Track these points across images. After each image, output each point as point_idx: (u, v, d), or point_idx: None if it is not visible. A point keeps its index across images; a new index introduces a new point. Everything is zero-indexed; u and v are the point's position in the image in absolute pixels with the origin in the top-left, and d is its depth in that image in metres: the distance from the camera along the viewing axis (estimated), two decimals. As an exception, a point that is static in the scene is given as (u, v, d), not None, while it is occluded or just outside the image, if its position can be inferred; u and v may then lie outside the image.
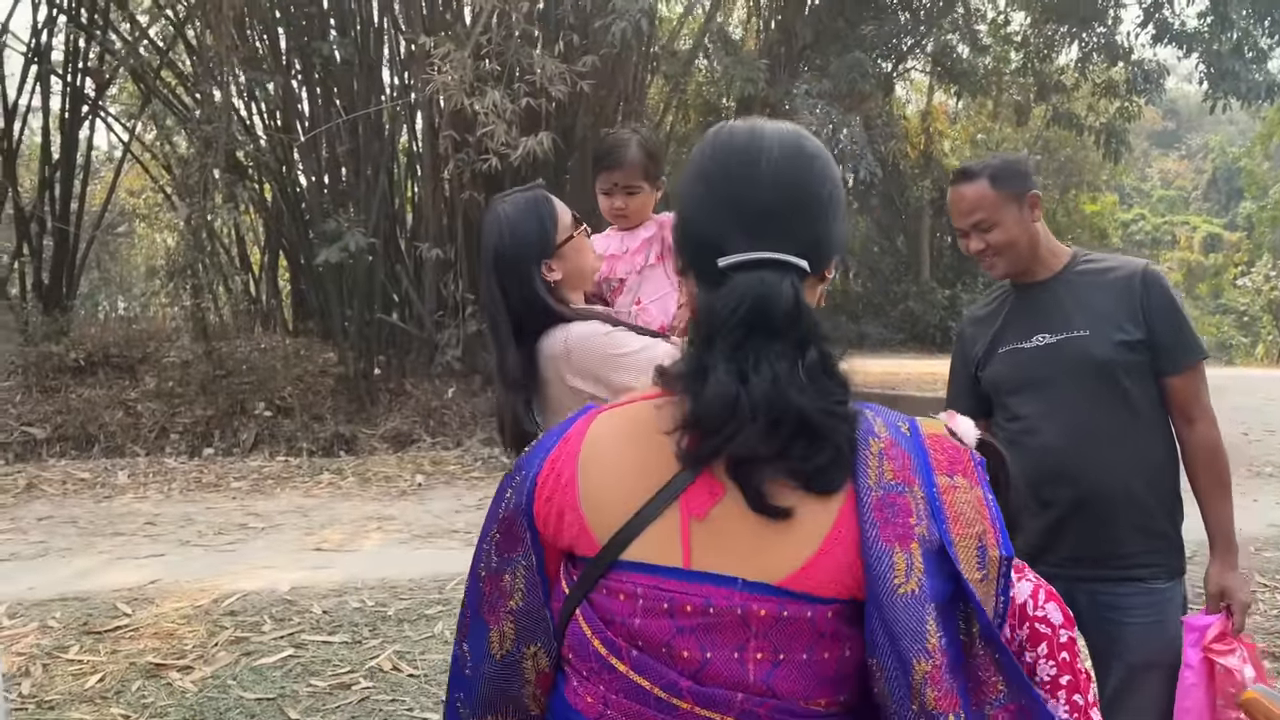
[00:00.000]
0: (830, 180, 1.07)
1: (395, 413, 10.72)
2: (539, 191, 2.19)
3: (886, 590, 0.94)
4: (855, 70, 8.60)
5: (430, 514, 6.36)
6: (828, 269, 1.09)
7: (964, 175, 2.30)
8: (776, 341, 0.97)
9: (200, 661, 3.83)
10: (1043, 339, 2.24)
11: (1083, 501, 2.17)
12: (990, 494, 1.03)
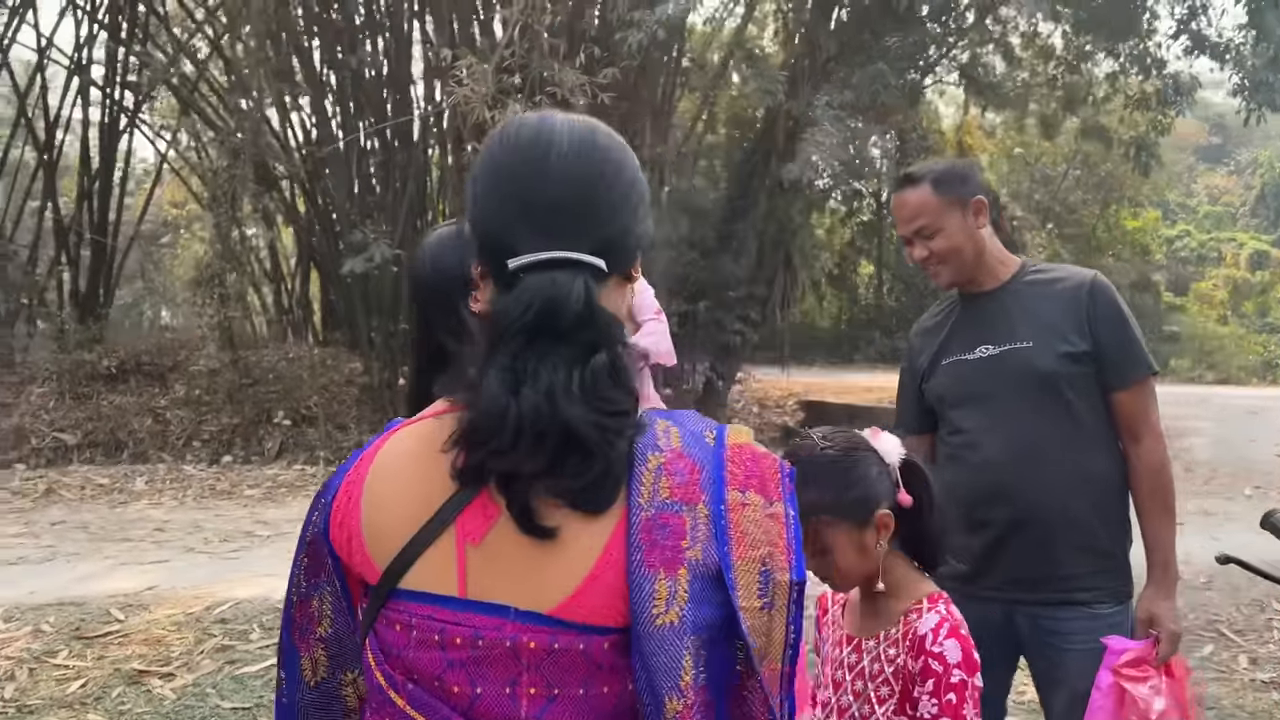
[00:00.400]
0: (626, 174, 1.01)
1: (419, 423, 10.77)
2: (464, 224, 2.19)
3: (645, 620, 0.87)
4: (877, 81, 8.50)
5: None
6: (632, 268, 1.03)
7: (906, 180, 2.22)
8: (563, 346, 0.91)
9: (184, 669, 3.83)
10: (986, 350, 2.16)
11: (1021, 521, 2.08)
12: (793, 510, 0.95)
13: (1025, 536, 2.08)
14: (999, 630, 2.09)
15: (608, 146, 1.01)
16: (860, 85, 8.49)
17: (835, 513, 1.56)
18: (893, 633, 1.58)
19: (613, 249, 0.98)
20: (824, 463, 1.58)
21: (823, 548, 1.57)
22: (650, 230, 1.05)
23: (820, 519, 1.55)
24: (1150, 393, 2.13)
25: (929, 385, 2.27)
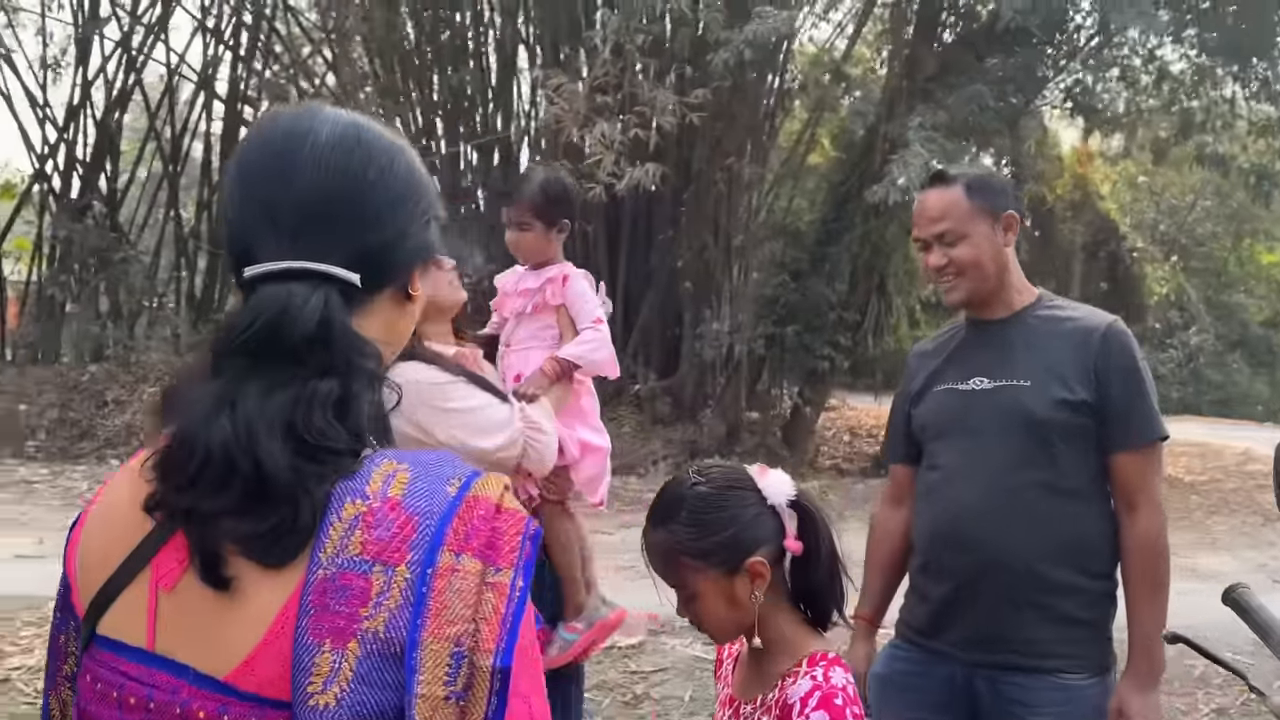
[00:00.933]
0: (397, 175, 0.90)
1: (503, 436, 10.88)
2: None
3: (299, 700, 0.76)
4: (974, 103, 8.23)
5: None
6: (410, 284, 0.92)
7: (937, 179, 2.07)
8: (288, 369, 0.81)
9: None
10: (980, 383, 2.01)
11: (983, 573, 1.92)
12: (522, 582, 0.80)
13: (987, 592, 1.92)
14: (960, 693, 1.93)
15: (375, 142, 0.90)
16: (955, 107, 8.23)
17: (698, 557, 1.40)
18: (769, 697, 1.43)
19: (375, 261, 0.88)
20: (692, 499, 1.43)
21: (690, 594, 1.42)
22: (430, 240, 0.94)
23: (681, 562, 1.41)
24: (1155, 460, 1.95)
25: (916, 412, 2.13)
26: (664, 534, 1.41)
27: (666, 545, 1.40)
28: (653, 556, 1.43)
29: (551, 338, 2.32)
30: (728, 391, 10.73)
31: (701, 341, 10.29)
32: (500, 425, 2.03)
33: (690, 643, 4.34)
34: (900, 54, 10.06)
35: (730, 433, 10.54)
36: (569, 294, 2.31)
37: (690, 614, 1.45)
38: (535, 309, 2.32)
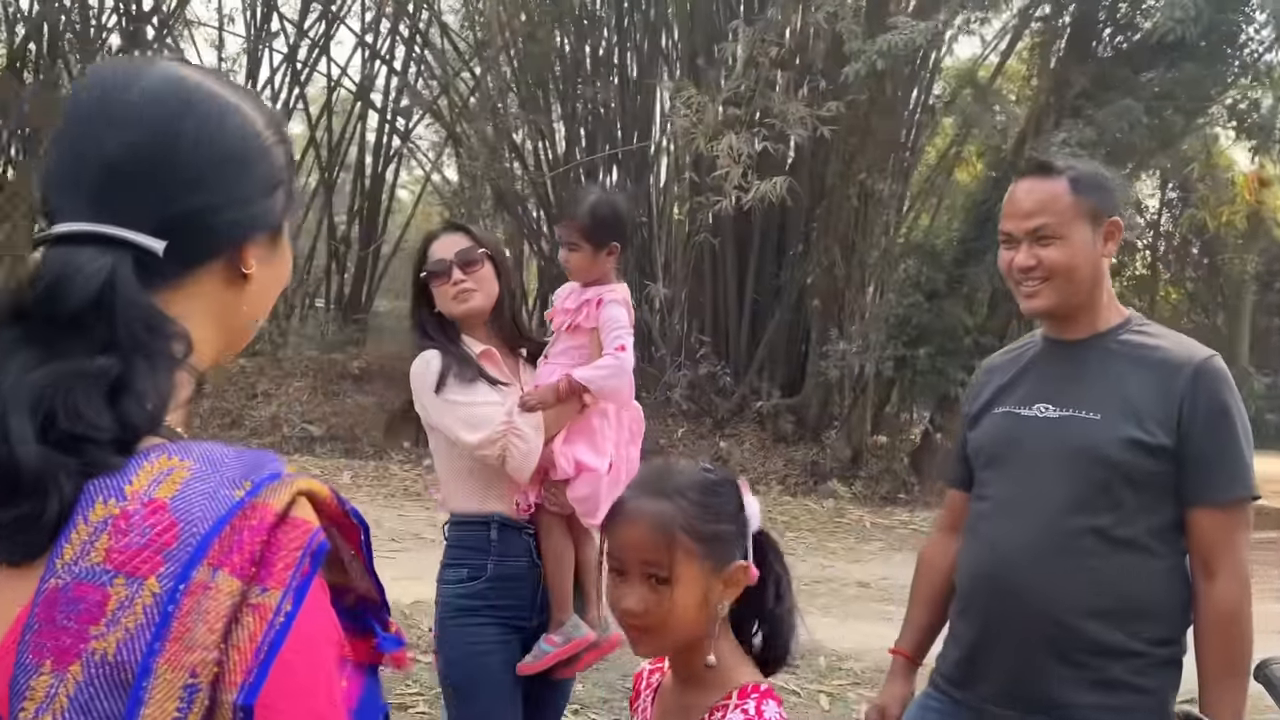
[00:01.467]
0: (224, 136, 0.81)
1: (624, 447, 10.91)
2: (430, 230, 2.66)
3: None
4: (1125, 119, 7.74)
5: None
6: (239, 259, 0.82)
7: (1040, 169, 1.85)
8: (65, 343, 0.72)
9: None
10: (1044, 410, 1.80)
11: (1019, 623, 1.72)
12: (291, 605, 0.69)
13: (1022, 643, 1.73)
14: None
15: (202, 97, 0.80)
16: (1105, 123, 7.76)
17: (698, 540, 1.27)
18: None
19: (191, 228, 0.78)
20: (704, 481, 1.33)
21: (666, 578, 1.27)
22: (271, 212, 0.84)
23: (678, 539, 1.27)
24: (1241, 520, 1.71)
25: (973, 434, 1.93)
26: (667, 505, 1.28)
27: (667, 517, 1.27)
28: (639, 527, 1.28)
29: (582, 357, 2.38)
30: (854, 413, 10.44)
31: (828, 360, 10.05)
32: (484, 422, 2.19)
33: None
34: (1049, 68, 9.59)
35: (855, 456, 10.25)
36: (601, 317, 2.37)
37: (647, 605, 1.27)
38: (570, 328, 2.40)
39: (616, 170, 11.45)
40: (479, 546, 2.26)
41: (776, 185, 8.47)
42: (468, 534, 2.29)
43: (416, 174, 16.05)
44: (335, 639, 0.74)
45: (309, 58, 13.56)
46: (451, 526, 2.34)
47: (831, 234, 10.43)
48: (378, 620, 0.88)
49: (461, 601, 2.26)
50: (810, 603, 5.41)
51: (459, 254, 2.34)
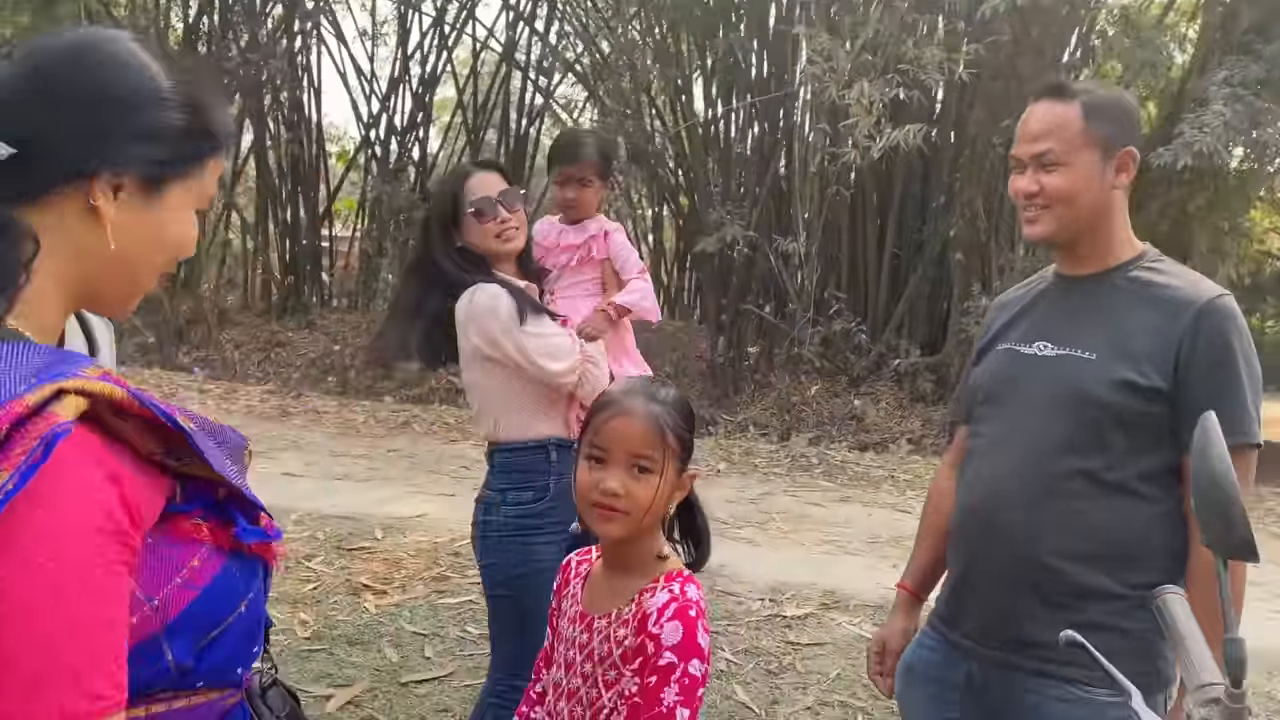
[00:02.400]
0: (107, 78, 0.92)
1: (756, 403, 10.88)
2: (456, 167, 2.85)
3: None
4: (1296, 53, 7.07)
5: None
6: (88, 190, 0.91)
7: (1052, 91, 1.77)
8: None
9: (398, 589, 4.23)
10: (1044, 348, 1.75)
11: (1000, 562, 1.68)
12: (14, 485, 0.76)
13: (1002, 581, 1.69)
14: (978, 693, 1.71)
15: (105, 47, 0.94)
16: (1273, 58, 7.12)
17: (679, 443, 1.48)
18: (625, 612, 1.47)
19: (41, 147, 0.89)
20: (681, 400, 1.54)
21: (649, 469, 1.45)
22: (143, 160, 0.94)
23: (667, 438, 1.46)
24: (1241, 469, 1.55)
25: (975, 370, 1.90)
26: (661, 409, 1.47)
27: (662, 419, 1.46)
28: (637, 422, 1.45)
29: (594, 287, 2.64)
30: (996, 371, 10.04)
31: (970, 317, 9.68)
32: (567, 352, 2.35)
33: (859, 621, 4.15)
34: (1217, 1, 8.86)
35: (995, 415, 9.87)
36: (612, 249, 2.62)
37: (629, 488, 1.44)
38: (580, 262, 2.62)
39: (755, 122, 11.30)
40: (539, 469, 2.38)
41: (910, 133, 8.17)
42: (527, 458, 2.39)
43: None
44: (97, 525, 0.80)
45: (456, 20, 13.88)
46: (506, 454, 2.42)
47: (975, 185, 10.01)
48: (243, 513, 0.97)
49: (526, 520, 2.37)
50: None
51: (504, 194, 2.43)
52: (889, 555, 5.31)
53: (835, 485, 7.10)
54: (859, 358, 10.60)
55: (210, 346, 12.75)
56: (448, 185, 2.53)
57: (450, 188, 2.49)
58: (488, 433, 2.48)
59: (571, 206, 2.62)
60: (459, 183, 2.46)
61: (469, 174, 2.47)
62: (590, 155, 2.61)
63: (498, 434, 2.44)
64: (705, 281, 11.53)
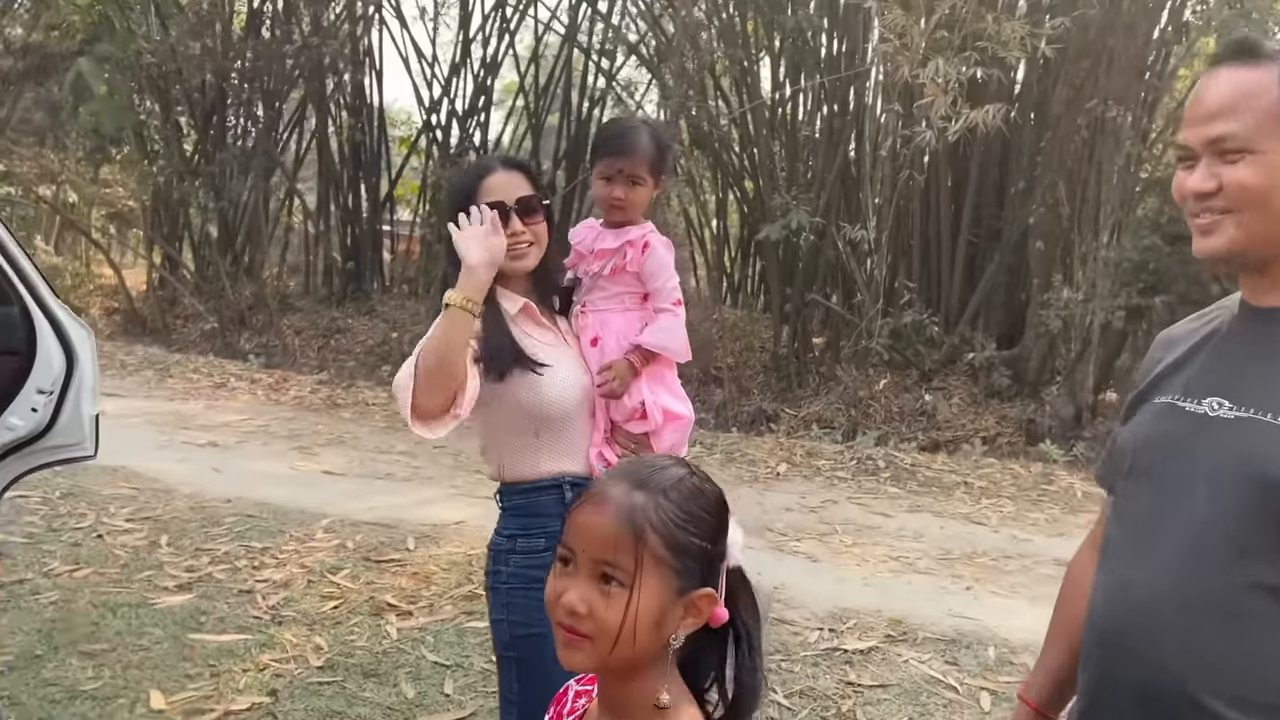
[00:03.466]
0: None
1: (821, 397, 10.45)
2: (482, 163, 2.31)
3: None
4: None
5: (757, 508, 5.97)
6: None
7: (1238, 51, 1.26)
8: None
9: (424, 610, 3.94)
10: (1217, 407, 1.26)
11: (1139, 698, 1.25)
12: None
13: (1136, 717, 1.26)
14: None
15: None
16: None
17: (670, 547, 1.08)
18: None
19: None
20: (690, 484, 1.13)
21: (622, 582, 1.06)
22: None
23: (647, 539, 1.06)
24: None
25: (1127, 427, 1.42)
26: (644, 499, 1.09)
27: (640, 511, 1.08)
28: (604, 514, 1.08)
29: (632, 302, 2.21)
30: (1079, 368, 9.45)
31: (1050, 309, 9.12)
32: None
33: (929, 659, 3.75)
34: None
35: (1077, 415, 9.29)
36: (647, 263, 2.19)
37: (591, 606, 1.07)
38: (614, 271, 2.20)
39: (824, 104, 10.83)
40: (552, 511, 2.07)
41: (989, 114, 7.65)
42: (537, 500, 2.10)
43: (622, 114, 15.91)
44: None
45: (519, 2, 13.62)
46: (513, 495, 2.13)
47: (1058, 169, 9.42)
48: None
49: (536, 572, 2.01)
50: (995, 580, 4.86)
51: (521, 201, 2.10)
52: (962, 575, 4.89)
53: (904, 492, 6.66)
54: (930, 351, 10.10)
55: (271, 332, 12.73)
56: (464, 181, 2.21)
57: (466, 184, 2.17)
58: (493, 472, 2.17)
59: (618, 207, 2.19)
60: (476, 180, 2.15)
61: (489, 171, 2.16)
62: (644, 148, 2.17)
63: (504, 473, 2.14)
64: (769, 270, 11.11)
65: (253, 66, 13.15)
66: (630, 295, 2.20)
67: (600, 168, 2.21)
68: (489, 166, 2.18)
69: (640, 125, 2.30)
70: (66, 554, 4.24)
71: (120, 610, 3.65)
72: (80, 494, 5.08)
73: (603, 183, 2.20)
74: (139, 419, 7.11)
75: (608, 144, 2.24)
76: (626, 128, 2.34)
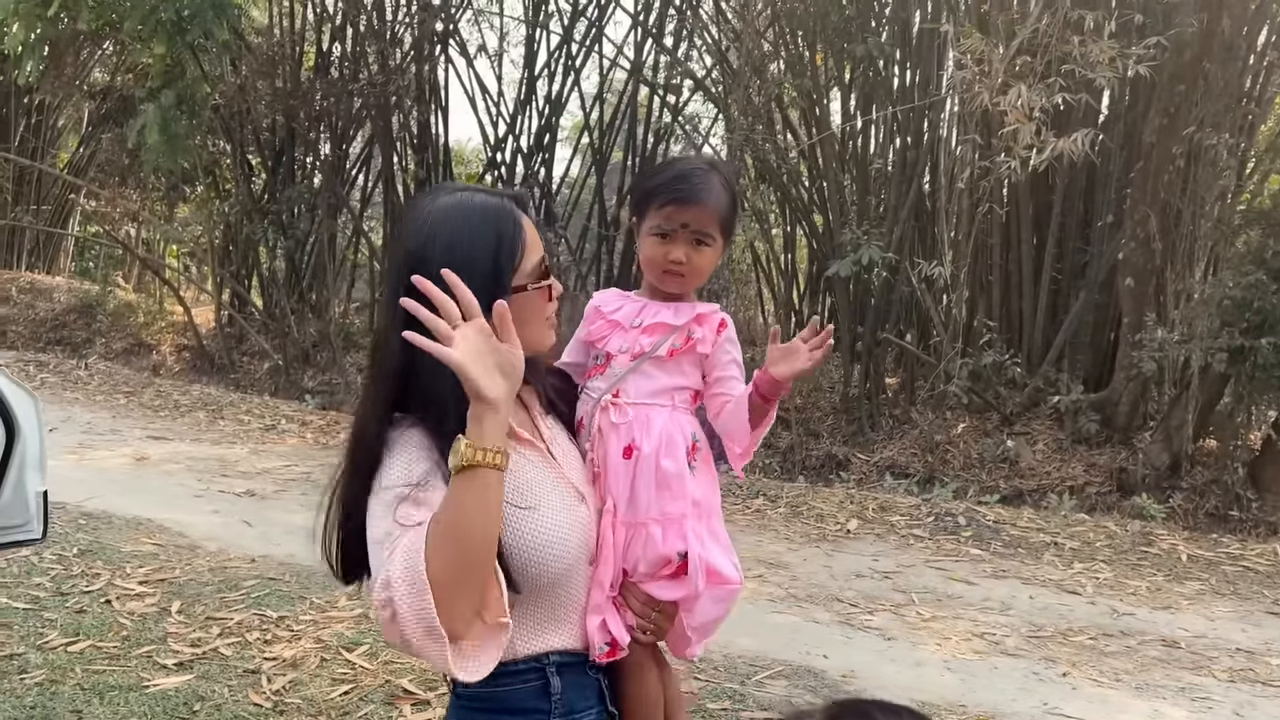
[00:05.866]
0: None
1: (895, 441, 9.92)
2: (507, 202, 1.47)
3: None
4: None
5: (825, 572, 5.47)
6: None
7: None
8: None
9: (444, 700, 3.54)
10: None
11: None
12: None
13: None
14: None
15: None
16: None
17: None
18: None
19: None
20: None
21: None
22: None
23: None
24: None
25: None
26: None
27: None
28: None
29: (681, 400, 1.63)
30: (1174, 413, 8.74)
31: (1143, 350, 8.48)
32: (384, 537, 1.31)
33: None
34: None
35: (1174, 464, 8.59)
36: (721, 345, 1.65)
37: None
38: (673, 353, 1.63)
39: (897, 135, 10.36)
40: (534, 706, 1.45)
41: (1078, 141, 7.13)
42: (511, 691, 1.44)
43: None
44: None
45: (584, 38, 13.48)
46: (476, 689, 1.40)
47: (1150, 201, 8.78)
48: None
49: None
50: (1095, 664, 4.31)
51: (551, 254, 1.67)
52: (1057, 658, 4.34)
53: (987, 554, 6.10)
54: (1012, 393, 9.52)
55: (334, 370, 12.63)
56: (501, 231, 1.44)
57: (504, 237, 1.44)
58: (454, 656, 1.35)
59: (676, 274, 1.64)
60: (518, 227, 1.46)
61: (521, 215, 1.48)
62: (717, 198, 1.63)
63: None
64: (840, 307, 10.63)
65: (320, 106, 13.18)
66: (682, 391, 1.64)
67: (654, 220, 1.63)
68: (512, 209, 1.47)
69: (709, 169, 1.68)
70: (68, 623, 3.97)
71: (109, 695, 3.33)
72: (98, 551, 4.84)
73: (656, 240, 1.63)
74: (180, 465, 6.91)
75: (668, 189, 1.63)
76: (693, 170, 1.67)
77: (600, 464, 1.57)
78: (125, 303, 15.59)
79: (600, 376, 1.65)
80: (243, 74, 12.85)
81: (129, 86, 14.58)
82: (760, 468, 9.48)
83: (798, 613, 4.79)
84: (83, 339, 14.37)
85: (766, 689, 3.82)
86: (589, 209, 13.96)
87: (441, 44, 13.29)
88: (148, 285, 18.20)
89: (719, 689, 3.76)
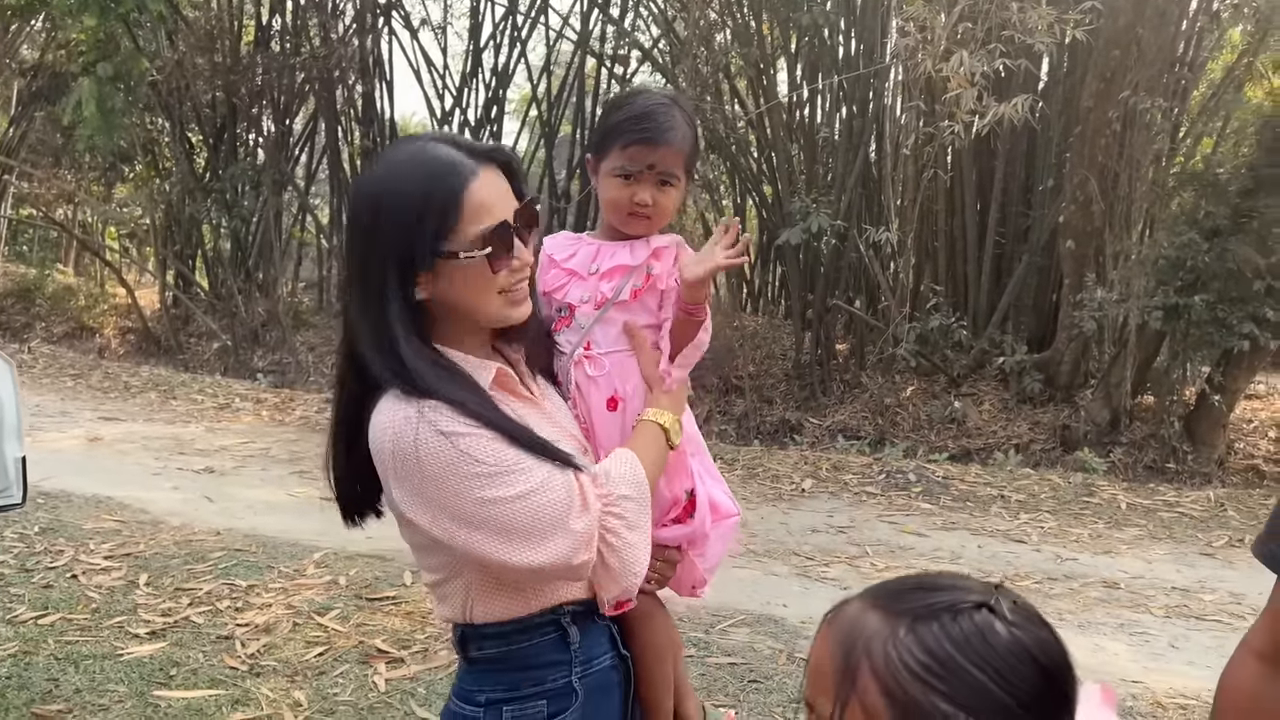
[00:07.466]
0: None
1: (846, 405, 10.12)
2: (467, 160, 1.37)
3: None
4: None
5: (782, 529, 5.63)
6: None
7: None
8: None
9: (418, 656, 3.63)
10: None
11: None
12: None
13: None
14: None
15: None
16: None
17: (888, 695, 0.80)
18: None
19: None
20: (962, 623, 0.82)
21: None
22: None
23: (857, 679, 0.82)
24: None
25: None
26: (880, 623, 0.90)
27: (865, 643, 0.89)
28: (826, 633, 0.94)
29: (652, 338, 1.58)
30: (1114, 371, 9.04)
31: (1083, 310, 8.74)
32: (554, 521, 1.31)
33: None
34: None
35: (1114, 420, 8.89)
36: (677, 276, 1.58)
37: None
38: (634, 295, 1.56)
39: (843, 104, 10.50)
40: (554, 659, 1.44)
41: (1018, 106, 7.29)
42: (531, 646, 1.43)
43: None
44: None
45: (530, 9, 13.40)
46: (489, 643, 1.44)
47: (1088, 165, 9.02)
48: None
49: None
50: (1040, 605, 4.48)
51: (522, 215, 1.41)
52: (1001, 602, 4.52)
53: (937, 507, 6.30)
54: (959, 356, 9.76)
55: (284, 349, 12.52)
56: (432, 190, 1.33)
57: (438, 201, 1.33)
58: (453, 613, 1.46)
59: (641, 216, 1.57)
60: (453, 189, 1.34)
61: (471, 175, 1.35)
62: (682, 135, 1.56)
63: (471, 613, 1.43)
64: (790, 275, 10.79)
65: (262, 80, 12.97)
66: (652, 331, 1.58)
67: (618, 160, 1.55)
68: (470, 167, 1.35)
69: (671, 103, 1.59)
70: (35, 597, 3.97)
71: (84, 663, 3.36)
72: (60, 529, 4.82)
73: (619, 181, 1.56)
74: (135, 445, 6.86)
75: (633, 129, 1.54)
76: (656, 107, 1.57)
77: (586, 418, 1.56)
78: (65, 286, 15.27)
79: (567, 330, 1.60)
80: (180, 49, 12.60)
81: (61, 64, 14.19)
82: (715, 434, 9.63)
83: (758, 566, 4.93)
84: (21, 324, 14.06)
85: (730, 636, 3.96)
86: (539, 182, 13.92)
87: (385, 16, 13.12)
88: (87, 268, 17.80)
89: (685, 638, 3.88)
